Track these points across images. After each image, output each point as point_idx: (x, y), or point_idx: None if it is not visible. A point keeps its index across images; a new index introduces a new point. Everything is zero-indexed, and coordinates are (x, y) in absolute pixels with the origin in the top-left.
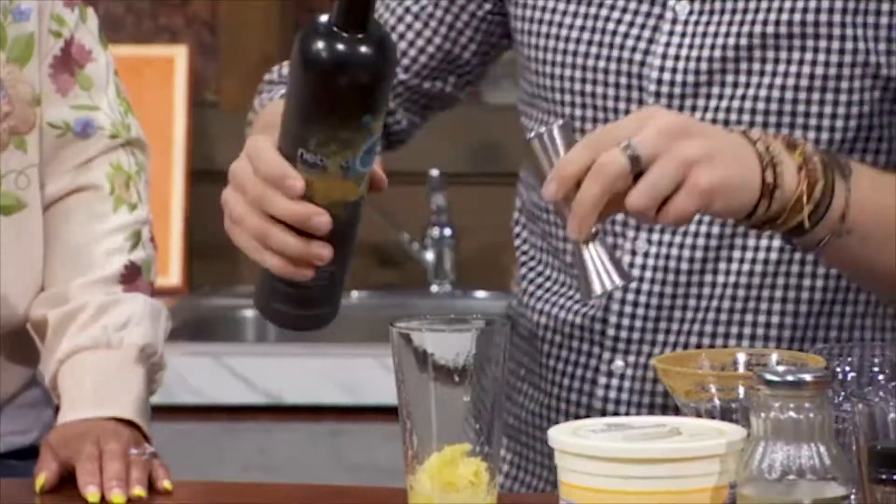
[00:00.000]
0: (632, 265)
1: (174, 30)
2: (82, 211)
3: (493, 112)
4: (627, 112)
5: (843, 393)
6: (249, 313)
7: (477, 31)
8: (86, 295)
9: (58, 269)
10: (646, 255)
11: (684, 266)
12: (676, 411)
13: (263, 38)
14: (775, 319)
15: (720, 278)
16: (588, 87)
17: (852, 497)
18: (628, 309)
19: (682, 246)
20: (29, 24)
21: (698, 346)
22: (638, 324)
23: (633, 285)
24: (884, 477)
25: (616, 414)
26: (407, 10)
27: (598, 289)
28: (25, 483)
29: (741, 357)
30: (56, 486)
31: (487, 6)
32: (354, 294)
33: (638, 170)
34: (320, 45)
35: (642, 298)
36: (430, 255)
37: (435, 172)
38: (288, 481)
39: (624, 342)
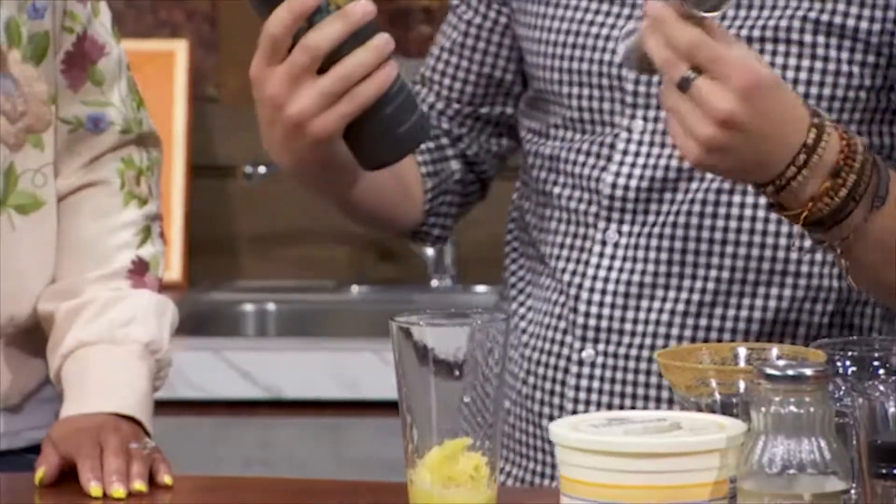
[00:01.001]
0: (601, 255)
1: (175, 24)
2: (92, 206)
3: None
4: (612, 113)
5: (843, 387)
6: (249, 308)
7: (511, 50)
8: (93, 290)
9: (66, 263)
10: (616, 245)
11: (651, 255)
12: (646, 400)
13: None
14: (744, 314)
15: (688, 269)
16: (575, 90)
17: (852, 492)
18: (596, 297)
19: (650, 235)
20: (44, 22)
21: (666, 337)
22: (606, 312)
23: (602, 274)
24: (884, 471)
25: (588, 403)
26: (442, 48)
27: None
28: (25, 478)
29: (742, 351)
30: (56, 480)
31: (510, 30)
32: (355, 289)
33: (683, 87)
34: None
35: (610, 287)
36: (430, 250)
37: None
38: (288, 476)
39: (593, 330)
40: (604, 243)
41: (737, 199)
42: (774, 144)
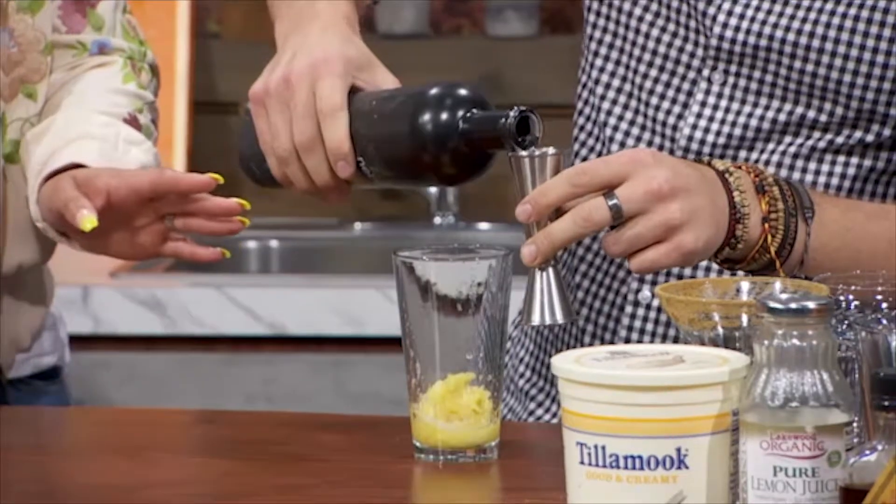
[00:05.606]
0: None
1: None
2: (94, 74)
3: (497, 42)
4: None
5: (846, 321)
6: (252, 244)
7: None
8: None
9: (57, 108)
10: None
11: None
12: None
13: None
14: None
15: None
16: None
17: (854, 424)
18: None
19: None
20: None
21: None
22: None
23: None
24: (886, 404)
25: (640, 343)
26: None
27: (536, 319)
28: (29, 410)
29: (745, 285)
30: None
31: None
32: (357, 225)
33: (619, 221)
34: (442, 132)
35: None
36: (432, 188)
37: None
38: (291, 411)
39: (651, 272)
40: None
41: (812, 165)
42: (709, 192)
